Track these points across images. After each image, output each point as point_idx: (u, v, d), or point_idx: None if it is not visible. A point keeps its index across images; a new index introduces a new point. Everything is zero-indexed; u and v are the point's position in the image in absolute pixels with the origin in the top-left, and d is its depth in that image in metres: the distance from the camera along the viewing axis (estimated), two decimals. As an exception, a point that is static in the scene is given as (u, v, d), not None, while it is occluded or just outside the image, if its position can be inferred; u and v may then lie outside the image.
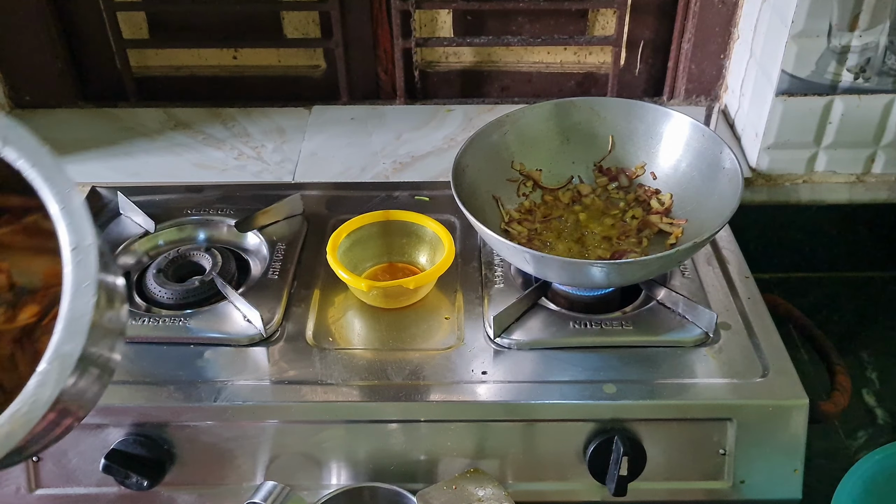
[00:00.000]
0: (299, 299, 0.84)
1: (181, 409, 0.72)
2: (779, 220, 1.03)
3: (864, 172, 1.02)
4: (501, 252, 0.82)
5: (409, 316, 0.82)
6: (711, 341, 0.78)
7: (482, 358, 0.77)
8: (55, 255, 0.46)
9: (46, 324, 0.49)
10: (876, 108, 0.96)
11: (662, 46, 1.14)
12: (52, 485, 0.74)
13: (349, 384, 0.74)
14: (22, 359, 0.50)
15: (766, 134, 0.99)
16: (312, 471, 0.74)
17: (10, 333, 0.50)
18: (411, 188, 1.00)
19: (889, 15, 0.90)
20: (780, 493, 0.74)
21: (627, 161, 0.92)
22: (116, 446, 0.72)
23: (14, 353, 0.50)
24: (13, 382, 0.48)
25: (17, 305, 0.51)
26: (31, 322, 0.50)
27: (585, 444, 0.73)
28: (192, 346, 0.78)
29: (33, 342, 0.50)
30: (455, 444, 0.74)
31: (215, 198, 0.98)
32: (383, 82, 1.19)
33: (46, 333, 0.46)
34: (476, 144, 0.87)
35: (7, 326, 0.50)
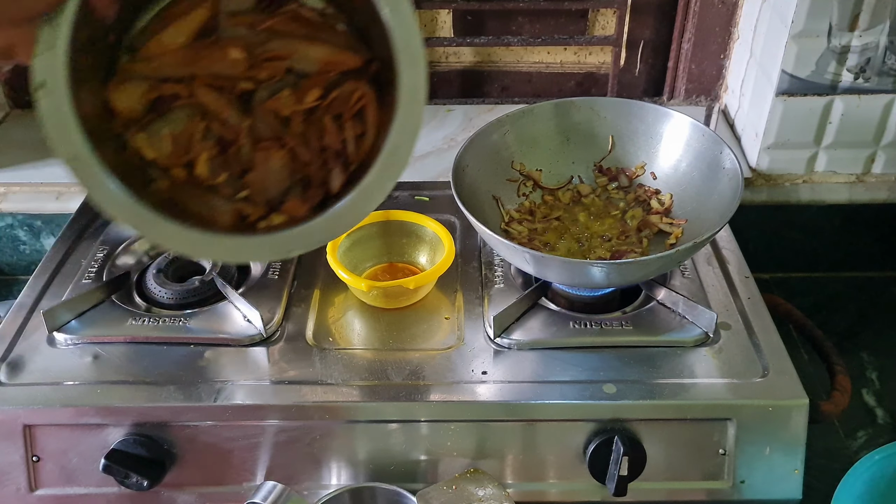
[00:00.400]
0: (299, 299, 0.84)
1: (181, 409, 0.72)
2: (779, 220, 1.03)
3: (864, 172, 1.02)
4: (501, 252, 0.82)
5: (409, 316, 0.82)
6: (711, 341, 0.78)
7: (482, 358, 0.77)
8: (328, 44, 0.57)
9: (327, 105, 0.57)
10: (876, 108, 0.96)
11: (662, 46, 1.14)
12: (52, 485, 0.74)
13: (349, 384, 0.74)
14: (313, 135, 0.58)
15: (766, 134, 0.99)
16: (312, 471, 0.74)
17: (300, 113, 0.57)
18: (411, 188, 1.00)
19: (889, 15, 0.90)
20: (780, 493, 0.74)
21: (627, 161, 0.92)
22: (116, 446, 0.72)
23: (305, 131, 0.58)
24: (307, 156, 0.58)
25: (300, 88, 0.57)
26: (315, 104, 0.57)
27: (585, 444, 0.73)
28: (192, 346, 0.78)
29: (317, 120, 0.58)
30: (455, 444, 0.74)
31: (215, 198, 0.98)
32: (383, 82, 1.18)
33: (328, 113, 0.57)
34: (476, 144, 0.87)
35: (297, 107, 0.57)
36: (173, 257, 0.88)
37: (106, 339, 0.79)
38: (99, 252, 0.89)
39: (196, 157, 0.57)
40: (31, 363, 0.77)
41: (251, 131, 0.57)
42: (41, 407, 0.72)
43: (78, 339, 0.79)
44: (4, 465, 0.73)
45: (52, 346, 0.79)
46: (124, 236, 0.92)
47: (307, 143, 0.58)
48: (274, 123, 0.57)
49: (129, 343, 0.78)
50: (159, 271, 0.85)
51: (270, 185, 0.58)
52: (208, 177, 0.57)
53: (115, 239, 0.91)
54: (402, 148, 0.55)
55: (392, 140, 0.54)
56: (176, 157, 0.57)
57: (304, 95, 0.57)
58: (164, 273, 0.85)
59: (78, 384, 0.74)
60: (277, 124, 0.57)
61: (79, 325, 0.80)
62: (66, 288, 0.85)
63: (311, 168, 0.58)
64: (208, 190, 0.57)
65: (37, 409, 0.72)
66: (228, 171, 0.57)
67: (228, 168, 0.57)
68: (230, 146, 0.57)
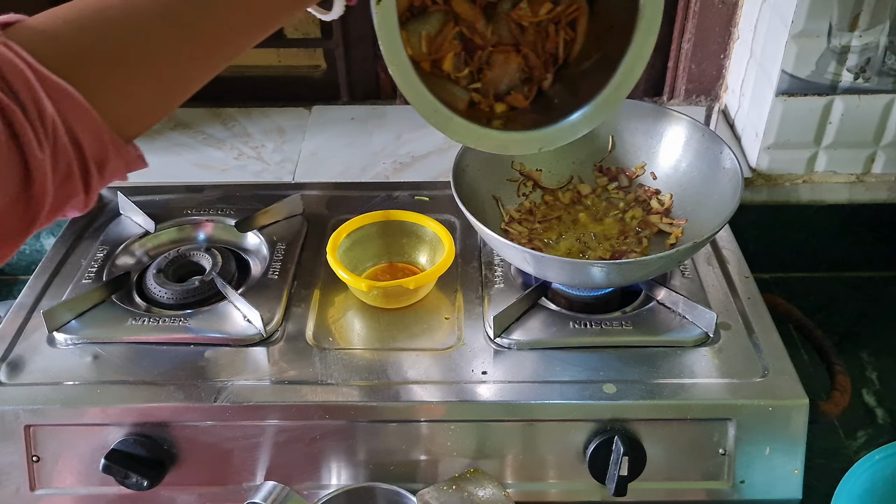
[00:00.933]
0: (299, 299, 0.84)
1: (181, 409, 0.72)
2: (779, 220, 1.03)
3: (864, 172, 1.02)
4: (501, 252, 0.82)
5: (409, 316, 0.82)
6: (711, 341, 0.78)
7: (482, 358, 0.77)
8: None
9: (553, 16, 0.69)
10: (876, 108, 0.96)
11: (662, 46, 1.14)
12: (52, 485, 0.74)
13: (349, 384, 0.74)
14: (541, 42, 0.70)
15: (766, 134, 0.99)
16: (312, 471, 0.74)
17: (534, 24, 0.69)
18: (411, 188, 1.00)
19: (889, 15, 0.90)
20: (780, 493, 0.74)
21: (627, 161, 0.92)
22: (116, 446, 0.72)
23: (536, 39, 0.70)
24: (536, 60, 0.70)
25: (535, 2, 0.69)
26: (547, 17, 0.69)
27: (585, 444, 0.73)
28: (192, 346, 0.78)
29: (544, 29, 0.70)
30: (455, 444, 0.74)
31: (215, 198, 0.98)
32: (383, 82, 1.19)
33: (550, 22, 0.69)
34: (476, 144, 0.87)
35: (533, 19, 0.69)
36: (173, 257, 0.88)
37: (106, 339, 0.79)
38: (99, 252, 0.89)
39: (444, 55, 0.68)
40: (31, 363, 0.77)
41: (494, 36, 0.69)
42: (41, 407, 0.72)
43: (78, 339, 0.79)
44: (4, 465, 0.73)
45: (52, 346, 0.79)
46: (124, 236, 0.92)
47: (537, 49, 0.70)
48: (514, 30, 0.69)
49: (129, 343, 0.78)
50: (159, 271, 0.85)
51: (502, 82, 0.70)
52: (452, 71, 0.69)
53: (115, 239, 0.91)
54: (634, 70, 0.66)
55: (627, 63, 0.66)
56: (428, 54, 0.67)
57: (539, 8, 0.69)
58: (164, 273, 0.85)
59: (78, 384, 0.74)
60: (516, 31, 0.69)
61: (79, 325, 0.80)
62: (66, 288, 0.85)
63: (536, 70, 0.71)
64: (448, 80, 0.69)
65: (37, 409, 0.72)
66: (470, 68, 0.69)
67: (470, 65, 0.70)
68: (475, 48, 0.69)
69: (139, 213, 0.93)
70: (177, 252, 0.89)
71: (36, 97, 0.45)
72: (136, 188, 0.98)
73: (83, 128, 0.48)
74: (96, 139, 0.49)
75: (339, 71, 1.16)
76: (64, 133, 0.47)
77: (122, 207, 0.95)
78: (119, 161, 0.51)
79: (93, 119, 0.48)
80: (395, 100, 1.19)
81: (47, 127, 0.46)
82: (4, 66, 0.44)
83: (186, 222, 0.94)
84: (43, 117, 0.45)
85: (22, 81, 0.45)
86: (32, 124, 0.45)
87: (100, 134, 0.49)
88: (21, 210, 0.47)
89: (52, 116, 0.46)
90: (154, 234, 0.92)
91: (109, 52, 0.50)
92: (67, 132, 0.47)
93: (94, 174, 0.50)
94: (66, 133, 0.47)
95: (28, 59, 0.45)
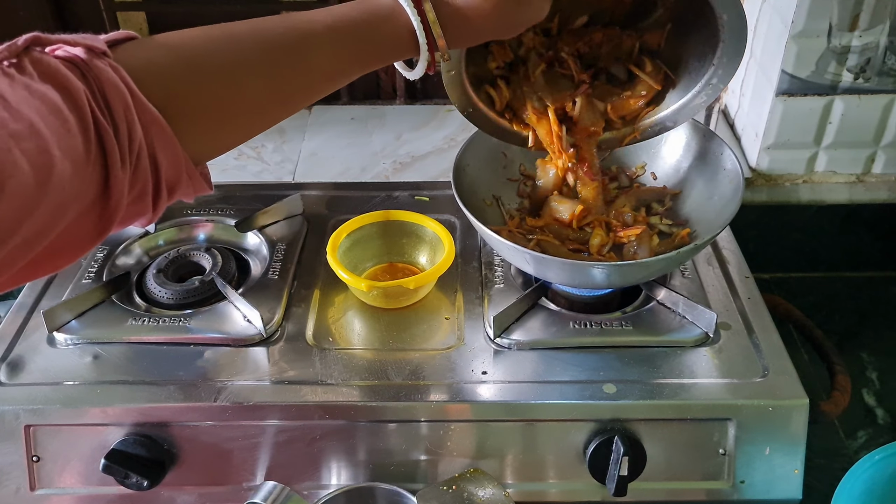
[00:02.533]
0: (299, 299, 0.84)
1: (181, 409, 0.72)
2: (779, 220, 1.03)
3: (864, 172, 1.02)
4: (501, 252, 0.82)
5: (409, 316, 0.82)
6: (711, 341, 0.78)
7: (482, 358, 0.77)
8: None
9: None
10: (876, 108, 0.96)
11: (662, 46, 1.14)
12: (52, 485, 0.74)
13: (349, 384, 0.74)
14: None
15: (766, 134, 0.99)
16: (312, 471, 0.74)
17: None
18: (411, 188, 1.00)
19: (889, 15, 0.90)
20: (780, 493, 0.74)
21: (628, 161, 0.92)
22: (116, 446, 0.72)
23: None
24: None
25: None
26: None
27: (585, 444, 0.73)
28: (192, 346, 0.78)
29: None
30: (455, 444, 0.74)
31: (215, 198, 0.98)
32: (383, 82, 1.19)
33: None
34: (476, 144, 0.87)
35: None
36: (173, 257, 0.88)
37: (106, 339, 0.79)
38: (99, 252, 0.89)
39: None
40: (31, 363, 0.77)
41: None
42: (41, 407, 0.72)
43: (78, 339, 0.79)
44: (4, 465, 0.73)
45: (52, 346, 0.79)
46: (124, 236, 0.92)
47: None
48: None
49: (129, 343, 0.78)
50: (159, 271, 0.85)
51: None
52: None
53: (115, 239, 0.91)
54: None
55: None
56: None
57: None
58: (164, 273, 0.85)
59: (78, 384, 0.74)
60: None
61: (79, 325, 0.80)
62: (66, 288, 0.85)
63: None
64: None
65: (37, 409, 0.72)
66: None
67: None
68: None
69: (139, 213, 0.93)
70: (177, 252, 0.89)
71: (130, 120, 0.48)
72: (136, 188, 0.97)
73: (165, 156, 0.51)
74: (174, 167, 0.52)
75: (339, 71, 1.16)
76: (147, 157, 0.49)
77: (122, 207, 0.95)
78: (188, 187, 0.54)
79: (176, 150, 0.51)
80: (395, 100, 1.19)
81: (133, 149, 0.48)
82: (108, 87, 0.47)
83: (186, 222, 0.94)
84: (132, 140, 0.48)
85: (121, 104, 0.47)
86: (121, 145, 0.47)
87: (178, 163, 0.52)
88: (94, 220, 0.49)
89: (140, 141, 0.48)
90: (154, 234, 0.92)
91: (204, 97, 0.53)
92: (150, 156, 0.50)
93: (164, 196, 0.52)
94: (149, 157, 0.50)
95: (130, 84, 0.48)
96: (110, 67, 0.48)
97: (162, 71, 0.51)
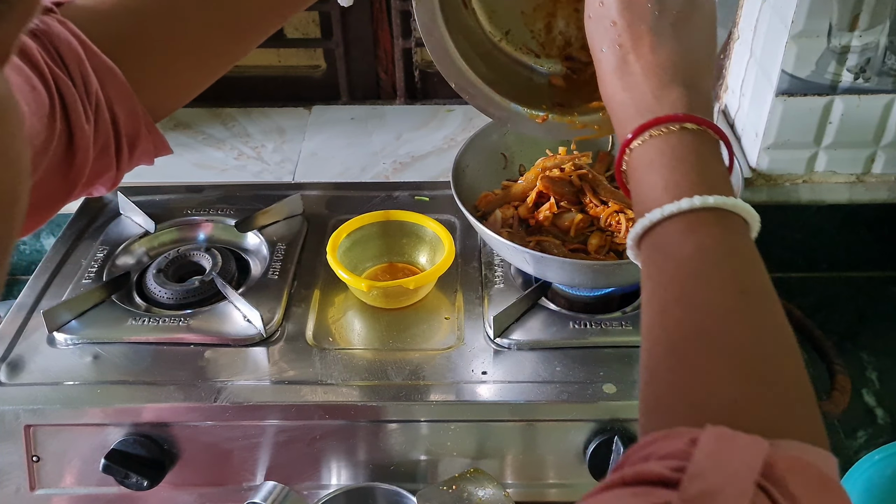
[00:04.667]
0: (299, 299, 0.84)
1: (181, 409, 0.72)
2: (779, 220, 1.03)
3: (864, 172, 1.02)
4: (501, 252, 0.82)
5: (409, 316, 0.82)
6: (711, 341, 0.78)
7: (482, 358, 0.77)
8: None
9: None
10: (876, 108, 0.96)
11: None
12: (52, 485, 0.74)
13: (349, 384, 0.74)
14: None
15: (766, 134, 0.99)
16: (312, 471, 0.74)
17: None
18: (411, 188, 1.00)
19: (889, 15, 0.89)
20: (780, 493, 0.74)
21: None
22: (116, 446, 0.72)
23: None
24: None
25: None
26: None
27: (585, 444, 0.73)
28: (192, 346, 0.78)
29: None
30: (455, 444, 0.74)
31: (215, 198, 0.98)
32: (383, 82, 1.19)
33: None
34: (476, 144, 0.87)
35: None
36: (173, 257, 0.88)
37: (106, 339, 0.79)
38: (99, 252, 0.89)
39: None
40: (31, 363, 0.77)
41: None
42: (41, 407, 0.72)
43: (78, 339, 0.79)
44: (4, 465, 0.73)
45: (52, 346, 0.79)
46: (124, 236, 0.92)
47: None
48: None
49: (129, 343, 0.78)
50: (159, 271, 0.85)
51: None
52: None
53: (115, 239, 0.91)
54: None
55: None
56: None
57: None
58: (164, 273, 0.85)
59: (78, 384, 0.74)
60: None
61: (79, 325, 0.80)
62: (66, 288, 0.85)
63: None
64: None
65: (37, 409, 0.72)
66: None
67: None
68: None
69: (139, 213, 0.93)
70: (177, 252, 0.89)
71: (85, 73, 0.47)
72: (136, 188, 0.97)
73: (122, 108, 0.50)
74: (132, 118, 0.51)
75: (338, 71, 1.16)
76: (105, 109, 0.49)
77: (122, 207, 0.95)
78: (148, 143, 0.54)
79: (132, 100, 0.51)
80: (395, 100, 1.19)
81: (92, 101, 0.48)
82: (60, 42, 0.47)
83: (186, 222, 0.94)
84: (89, 93, 0.48)
85: (74, 58, 0.47)
86: (81, 98, 0.47)
87: (136, 114, 0.51)
88: (62, 177, 0.49)
89: (96, 92, 0.48)
90: (154, 234, 0.92)
91: (151, 36, 0.52)
92: (109, 109, 0.49)
93: (125, 151, 0.52)
94: (108, 110, 0.49)
95: (81, 36, 0.48)
96: (58, 23, 0.48)
97: (107, 18, 0.51)
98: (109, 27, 0.51)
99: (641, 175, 0.49)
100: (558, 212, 0.82)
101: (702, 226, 0.45)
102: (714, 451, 0.35)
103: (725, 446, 0.36)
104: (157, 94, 0.54)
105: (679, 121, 0.48)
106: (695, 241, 0.45)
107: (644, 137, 0.49)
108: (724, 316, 0.43)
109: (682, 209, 0.45)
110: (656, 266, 0.46)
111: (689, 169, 0.47)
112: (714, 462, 0.35)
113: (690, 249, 0.45)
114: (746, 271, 0.46)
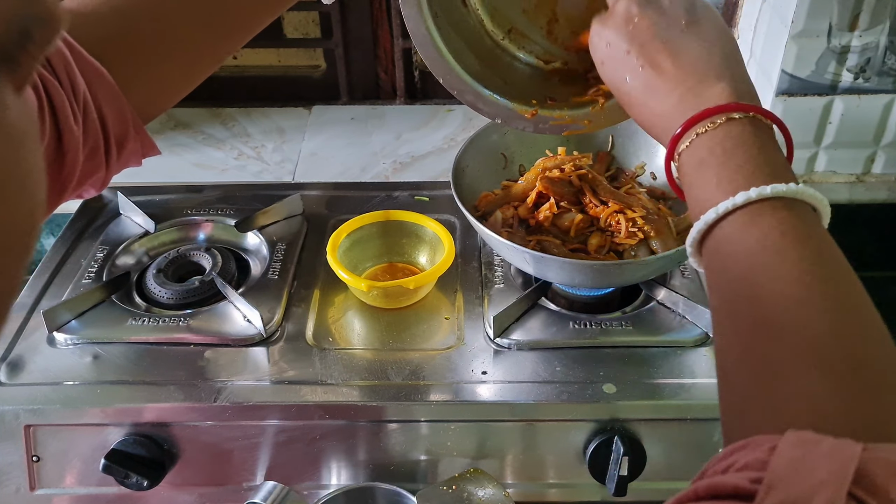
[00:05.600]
0: (299, 299, 0.84)
1: (181, 409, 0.72)
2: (779, 220, 1.03)
3: (864, 172, 1.02)
4: (501, 252, 0.82)
5: (409, 316, 0.82)
6: (711, 341, 0.78)
7: (482, 358, 0.77)
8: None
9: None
10: (876, 108, 0.96)
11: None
12: (52, 485, 0.74)
13: (349, 384, 0.74)
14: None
15: (766, 134, 0.99)
16: (312, 471, 0.74)
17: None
18: (411, 188, 1.00)
19: (889, 15, 0.89)
20: (780, 493, 0.74)
21: (627, 161, 0.92)
22: (116, 446, 0.72)
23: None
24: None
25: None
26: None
27: (585, 444, 0.73)
28: (192, 346, 0.78)
29: None
30: (455, 444, 0.74)
31: (215, 198, 0.98)
32: (383, 82, 1.19)
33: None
34: (476, 144, 0.87)
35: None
36: (173, 257, 0.88)
37: (106, 339, 0.79)
38: (99, 252, 0.89)
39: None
40: (31, 363, 0.77)
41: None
42: (41, 407, 0.72)
43: (78, 339, 0.79)
44: (4, 465, 0.73)
45: (52, 346, 0.79)
46: (124, 236, 0.92)
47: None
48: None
49: (129, 343, 0.78)
50: (159, 271, 0.85)
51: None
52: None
53: (115, 239, 0.91)
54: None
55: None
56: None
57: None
58: (164, 273, 0.85)
59: (78, 384, 0.74)
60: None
61: (79, 325, 0.80)
62: (66, 288, 0.85)
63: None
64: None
65: (37, 409, 0.72)
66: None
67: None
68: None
69: (139, 213, 0.93)
70: (177, 252, 0.89)
71: (71, 73, 0.47)
72: (136, 188, 0.98)
73: (110, 107, 0.50)
74: (120, 119, 0.51)
75: (338, 71, 1.16)
76: (93, 110, 0.49)
77: (122, 207, 0.95)
78: (136, 144, 0.53)
79: (120, 101, 0.50)
80: (395, 100, 1.19)
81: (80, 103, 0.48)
82: None
83: (186, 222, 0.94)
84: (76, 94, 0.47)
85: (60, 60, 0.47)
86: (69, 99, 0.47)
87: (123, 114, 0.51)
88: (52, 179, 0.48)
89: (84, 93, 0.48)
90: (154, 234, 0.92)
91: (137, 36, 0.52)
92: (96, 110, 0.49)
93: (114, 152, 0.52)
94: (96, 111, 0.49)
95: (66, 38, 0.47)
96: None
97: (92, 19, 0.51)
98: (95, 28, 0.51)
99: (693, 177, 0.47)
100: (558, 212, 0.82)
101: (763, 218, 0.43)
102: (795, 458, 0.32)
103: (808, 452, 0.33)
104: (144, 94, 0.54)
105: (725, 111, 0.46)
106: (756, 234, 0.43)
107: (691, 137, 0.47)
108: (797, 308, 0.40)
109: (737, 204, 0.43)
110: (720, 267, 0.44)
111: (742, 160, 0.45)
112: (795, 470, 0.32)
113: (752, 243, 0.42)
114: (817, 259, 0.43)
